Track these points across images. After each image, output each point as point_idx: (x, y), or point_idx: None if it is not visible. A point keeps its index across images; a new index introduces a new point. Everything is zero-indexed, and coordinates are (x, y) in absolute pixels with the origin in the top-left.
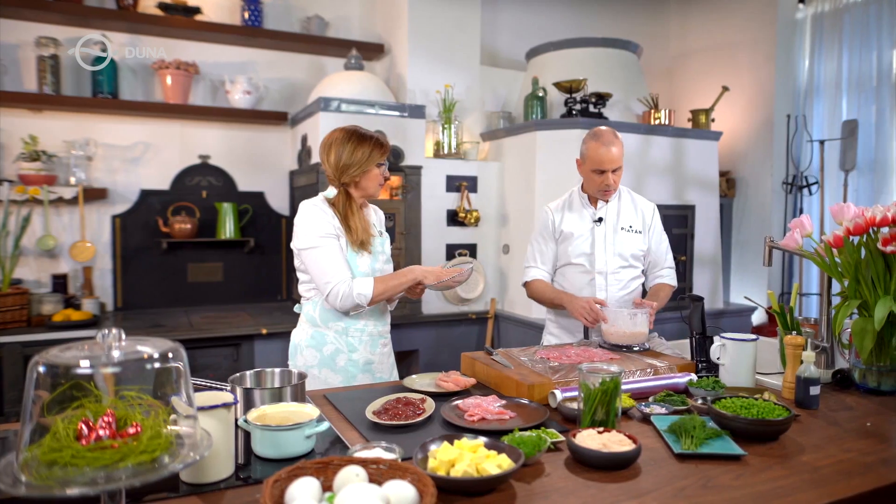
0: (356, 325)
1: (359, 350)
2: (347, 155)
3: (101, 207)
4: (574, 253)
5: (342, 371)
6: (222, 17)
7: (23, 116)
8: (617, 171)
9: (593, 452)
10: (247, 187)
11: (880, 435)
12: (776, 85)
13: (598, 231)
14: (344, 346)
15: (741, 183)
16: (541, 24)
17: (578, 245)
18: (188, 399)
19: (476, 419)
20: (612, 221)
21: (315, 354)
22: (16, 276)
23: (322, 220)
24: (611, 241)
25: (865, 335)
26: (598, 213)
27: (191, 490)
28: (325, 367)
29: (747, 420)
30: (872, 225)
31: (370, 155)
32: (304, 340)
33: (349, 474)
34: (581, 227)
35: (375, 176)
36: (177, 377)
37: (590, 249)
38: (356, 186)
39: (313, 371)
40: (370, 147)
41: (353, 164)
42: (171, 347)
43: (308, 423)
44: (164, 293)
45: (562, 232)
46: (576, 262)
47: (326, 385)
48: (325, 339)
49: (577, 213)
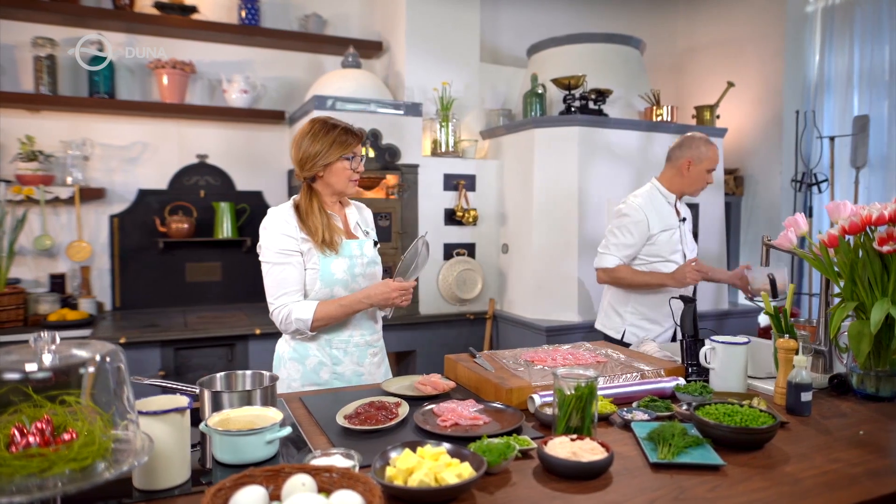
0: (340, 336)
1: (344, 363)
2: (306, 146)
3: (98, 207)
4: (669, 250)
5: (326, 385)
6: (220, 15)
7: (20, 117)
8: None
9: (561, 461)
10: (245, 186)
11: (873, 444)
12: (785, 80)
13: (683, 229)
14: (328, 358)
15: (749, 181)
16: (544, 21)
17: (671, 243)
18: (127, 404)
19: (448, 425)
20: (687, 221)
21: (298, 368)
22: (15, 275)
23: (279, 234)
24: (689, 239)
25: (862, 339)
26: (682, 213)
27: (143, 497)
28: (308, 381)
29: (729, 428)
30: (868, 223)
31: (331, 146)
32: (287, 353)
33: (296, 483)
34: (671, 224)
35: (341, 170)
36: (115, 382)
37: (681, 246)
38: (322, 182)
39: (295, 385)
40: (332, 138)
41: (311, 156)
42: (109, 351)
43: (269, 427)
44: (163, 293)
45: (661, 230)
46: (672, 258)
47: None
48: (307, 351)
49: (662, 210)
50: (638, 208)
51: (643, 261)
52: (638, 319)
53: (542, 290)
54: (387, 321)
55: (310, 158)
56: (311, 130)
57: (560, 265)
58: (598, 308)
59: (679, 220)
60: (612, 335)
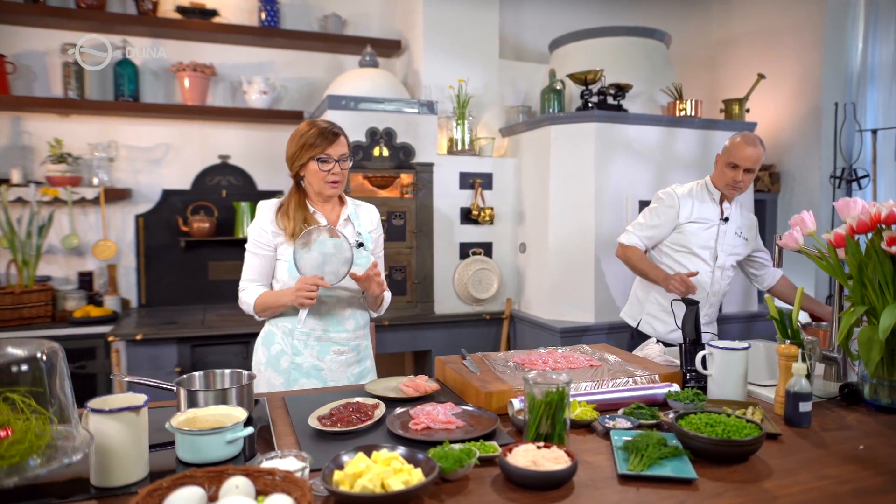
0: (301, 329)
1: (303, 354)
2: (287, 147)
3: (125, 207)
4: (698, 244)
5: (284, 373)
6: (240, 18)
7: (51, 121)
8: (749, 172)
9: (518, 470)
10: (266, 186)
11: (870, 460)
12: (825, 71)
13: (723, 229)
14: (289, 347)
15: (786, 177)
16: (571, 16)
17: (704, 237)
18: (68, 402)
19: (420, 428)
20: (734, 223)
21: (265, 353)
22: (46, 273)
23: (257, 227)
24: (730, 242)
25: (872, 346)
26: (726, 213)
27: (98, 493)
28: (270, 366)
29: (709, 439)
30: (878, 222)
31: (302, 149)
32: (260, 338)
33: (230, 486)
34: (709, 220)
35: (313, 171)
36: (50, 380)
37: (713, 244)
38: (306, 181)
39: (260, 369)
40: (304, 139)
41: (289, 157)
42: (47, 350)
43: (229, 427)
44: (186, 291)
45: (691, 220)
46: (699, 252)
47: (269, 385)
48: (273, 338)
49: (705, 205)
50: (673, 195)
51: (670, 248)
52: (657, 311)
53: (558, 291)
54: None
55: (289, 159)
56: (296, 130)
57: (576, 265)
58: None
59: (720, 218)
60: (630, 322)
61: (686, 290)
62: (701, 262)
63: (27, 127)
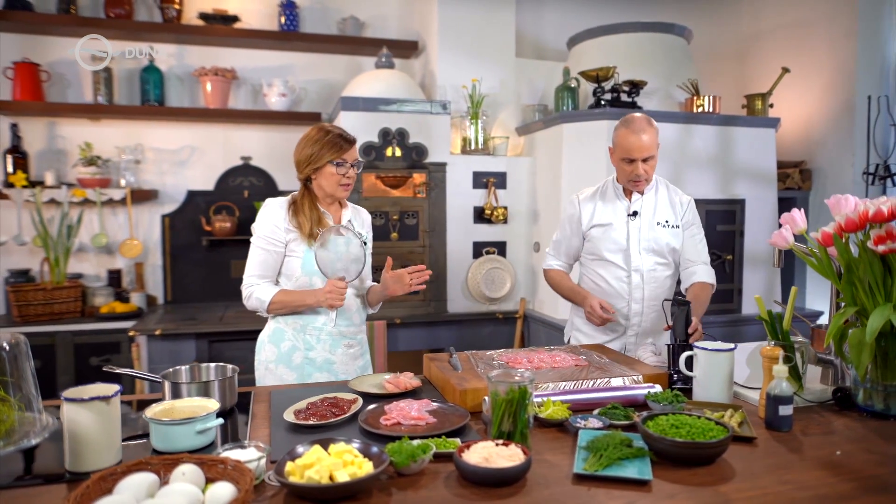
0: (314, 324)
1: (316, 349)
2: (300, 150)
3: (152, 207)
4: (608, 248)
5: (297, 369)
6: (261, 23)
7: (83, 125)
8: (649, 160)
9: (469, 467)
10: (287, 186)
11: (844, 467)
12: (858, 63)
13: (632, 225)
14: (301, 343)
15: (818, 174)
16: (592, 12)
17: (612, 239)
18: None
19: (390, 424)
20: (647, 215)
21: (274, 350)
22: (77, 270)
23: (268, 220)
24: (646, 237)
25: (863, 348)
26: (633, 207)
27: (72, 477)
28: (282, 363)
29: (671, 441)
30: (867, 221)
31: (319, 152)
32: (267, 335)
33: (177, 473)
34: (614, 219)
35: (329, 174)
36: (12, 369)
37: (625, 244)
38: (316, 184)
39: (271, 367)
40: (321, 144)
41: (303, 160)
42: (11, 341)
43: (199, 418)
44: (210, 288)
45: (592, 225)
46: (610, 258)
47: (281, 381)
48: (283, 335)
49: (610, 204)
50: (574, 200)
51: (585, 258)
52: (583, 324)
53: None
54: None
55: (303, 161)
56: (308, 135)
57: None
58: None
59: (627, 214)
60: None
61: (601, 321)
62: (615, 268)
63: (61, 131)
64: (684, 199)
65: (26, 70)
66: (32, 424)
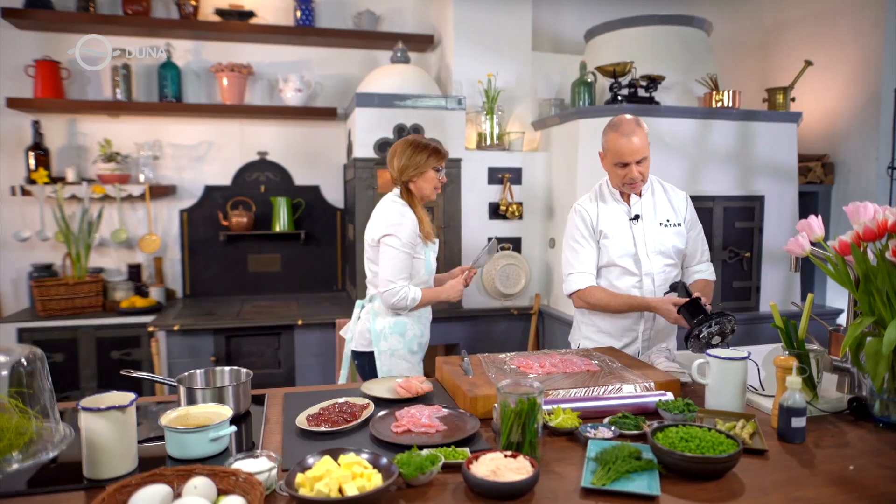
0: (425, 312)
1: (426, 334)
2: (406, 158)
3: (170, 203)
4: (616, 254)
5: (419, 353)
6: (276, 18)
7: (103, 122)
8: (642, 162)
9: (476, 480)
10: (303, 181)
11: (856, 482)
12: (885, 54)
13: (636, 229)
14: (418, 330)
15: (841, 168)
16: (611, 5)
17: (620, 245)
18: (46, 403)
19: (401, 431)
20: (649, 217)
21: (399, 340)
22: (99, 265)
23: (409, 226)
24: (652, 240)
25: (880, 359)
26: (634, 210)
27: (90, 484)
28: (408, 349)
29: (680, 455)
30: (885, 230)
31: (427, 159)
32: (388, 328)
33: (189, 486)
34: (618, 225)
35: (431, 178)
36: (29, 382)
37: (633, 249)
38: (415, 186)
39: (400, 353)
40: (428, 152)
41: (411, 165)
42: (29, 355)
43: (213, 426)
44: (227, 282)
45: (601, 231)
46: (620, 263)
47: (411, 367)
48: (405, 326)
49: (610, 208)
50: (579, 207)
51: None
52: (593, 332)
53: None
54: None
55: (409, 167)
56: (412, 145)
57: None
58: None
59: (629, 218)
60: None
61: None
62: (626, 275)
63: (81, 128)
64: (681, 196)
65: (47, 68)
66: (51, 435)
